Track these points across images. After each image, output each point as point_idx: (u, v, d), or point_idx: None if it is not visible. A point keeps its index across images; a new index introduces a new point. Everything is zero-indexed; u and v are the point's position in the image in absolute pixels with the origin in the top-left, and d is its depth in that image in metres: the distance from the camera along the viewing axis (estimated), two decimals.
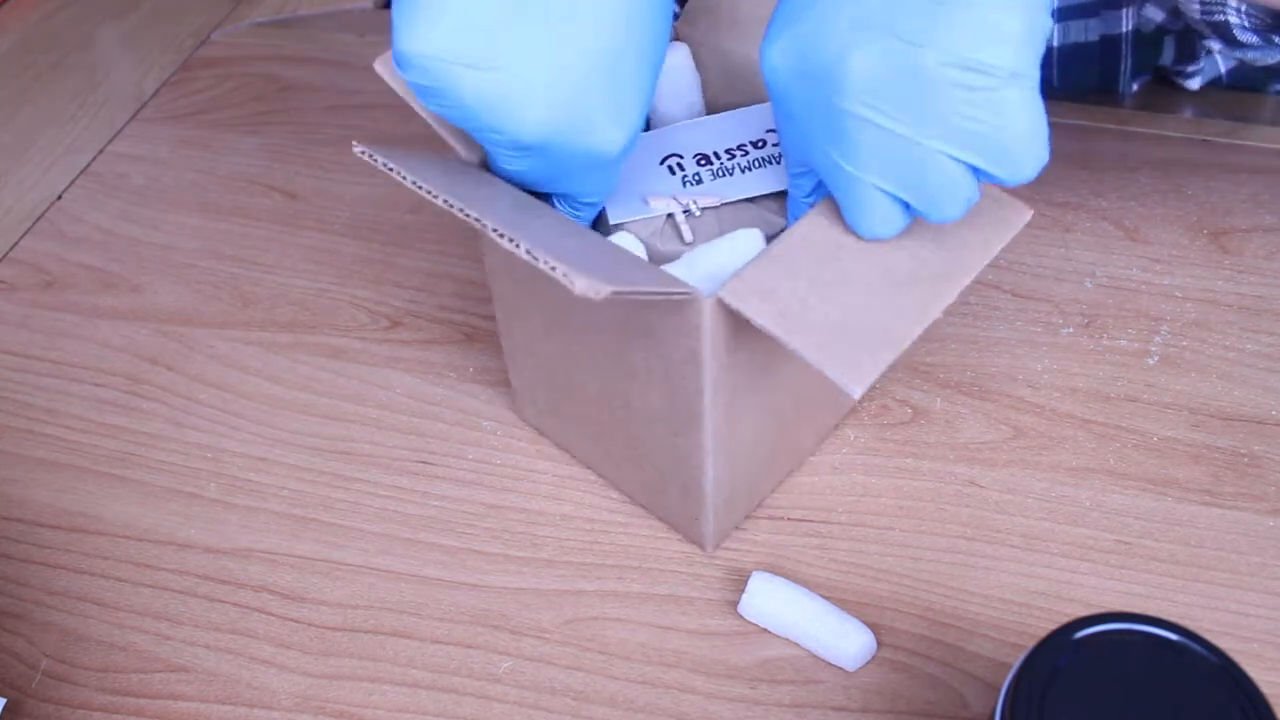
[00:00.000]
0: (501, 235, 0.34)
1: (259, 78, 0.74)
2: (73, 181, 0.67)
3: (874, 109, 0.34)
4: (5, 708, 0.43)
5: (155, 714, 0.43)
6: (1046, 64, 0.64)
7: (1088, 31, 0.62)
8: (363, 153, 0.38)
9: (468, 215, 0.35)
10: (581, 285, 0.32)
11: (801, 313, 0.35)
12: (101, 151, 0.70)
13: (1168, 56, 0.63)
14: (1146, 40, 0.63)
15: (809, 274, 0.36)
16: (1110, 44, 0.62)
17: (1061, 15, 0.62)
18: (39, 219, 0.65)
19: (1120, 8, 0.61)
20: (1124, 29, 0.62)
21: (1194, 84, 0.65)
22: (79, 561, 0.48)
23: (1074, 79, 0.65)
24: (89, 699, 0.43)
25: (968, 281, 0.36)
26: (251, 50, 0.77)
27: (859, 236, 0.37)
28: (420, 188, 0.36)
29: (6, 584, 0.47)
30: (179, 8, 0.82)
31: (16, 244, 0.63)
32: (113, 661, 0.45)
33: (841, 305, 0.35)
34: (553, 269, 0.32)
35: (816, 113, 0.36)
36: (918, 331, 0.34)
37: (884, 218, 0.36)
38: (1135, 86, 0.66)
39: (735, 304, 0.35)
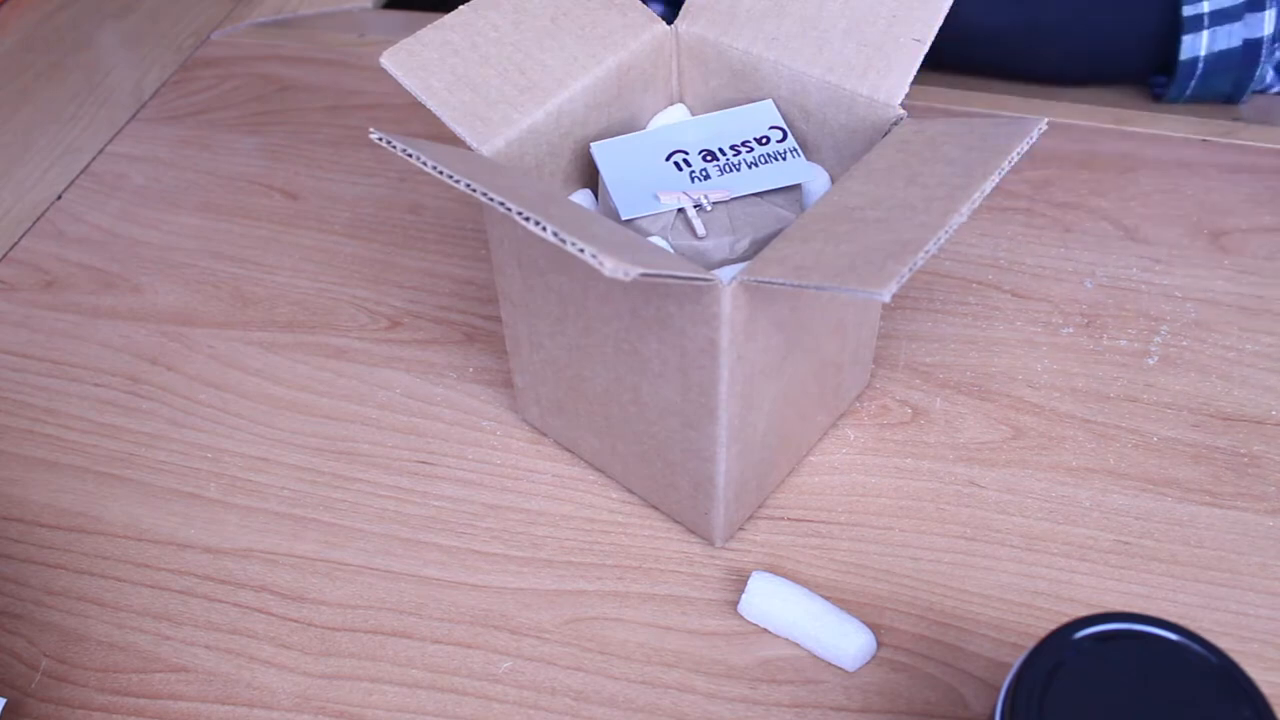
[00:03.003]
0: (527, 218, 0.34)
1: (259, 78, 0.74)
2: (72, 181, 0.67)
3: None
4: (5, 708, 0.43)
5: (155, 714, 0.43)
6: (1189, 76, 0.64)
7: (1231, 37, 0.62)
8: (380, 139, 0.38)
9: (491, 199, 0.35)
10: (611, 266, 0.32)
11: (817, 263, 0.35)
12: (101, 151, 0.70)
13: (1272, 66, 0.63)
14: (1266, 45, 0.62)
15: (822, 235, 0.36)
16: (1251, 48, 0.62)
17: (1212, 20, 0.62)
18: (39, 219, 0.65)
19: (1262, 10, 0.61)
20: (1265, 32, 0.61)
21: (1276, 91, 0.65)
22: (79, 561, 0.48)
23: (1207, 88, 0.64)
24: (89, 699, 0.43)
25: (988, 186, 0.35)
26: (251, 50, 0.77)
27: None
28: (441, 173, 0.36)
29: (6, 584, 0.47)
30: (179, 8, 0.82)
31: (16, 244, 0.64)
32: (113, 661, 0.45)
33: (857, 244, 0.35)
34: (581, 250, 0.32)
35: None
36: (943, 235, 0.34)
37: None
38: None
39: (753, 277, 0.35)
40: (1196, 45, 0.63)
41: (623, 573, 0.46)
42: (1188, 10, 0.62)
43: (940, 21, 0.42)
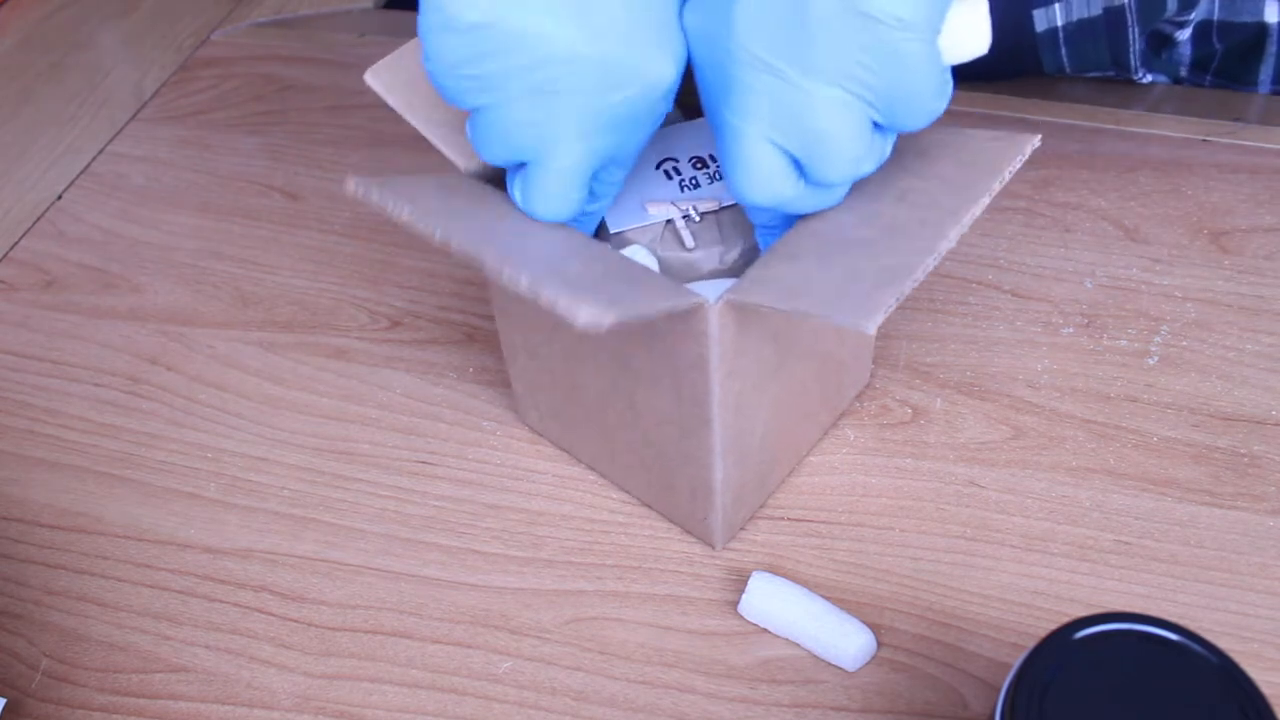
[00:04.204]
0: (501, 271, 0.33)
1: (259, 78, 0.74)
2: (73, 181, 0.67)
3: (761, 50, 0.34)
4: (5, 708, 0.43)
5: (155, 714, 0.43)
6: (1054, 45, 0.64)
7: (1090, 6, 0.62)
8: (357, 186, 0.37)
9: (466, 252, 0.34)
10: (584, 318, 0.31)
11: (805, 287, 0.35)
12: (101, 151, 0.70)
13: (1171, 9, 0.62)
14: (1149, 4, 0.62)
15: (812, 256, 0.36)
16: (1115, 15, 0.62)
17: None
18: (39, 219, 0.65)
19: None
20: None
21: (1184, 34, 0.65)
22: (79, 561, 0.48)
23: (1085, 59, 0.64)
24: (89, 699, 0.43)
25: (978, 209, 0.35)
26: (251, 50, 0.77)
27: (748, 202, 0.36)
28: (417, 226, 0.35)
29: (6, 584, 0.47)
30: (179, 8, 0.82)
31: (16, 244, 0.64)
32: (113, 661, 0.45)
33: (845, 268, 0.35)
34: (554, 303, 0.32)
35: (714, 66, 0.36)
36: (931, 262, 0.33)
37: (769, 174, 0.35)
38: (1149, 78, 0.66)
39: (740, 298, 0.35)
40: (1051, 17, 0.62)
41: (623, 573, 0.46)
42: None
43: None
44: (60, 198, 0.66)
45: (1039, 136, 0.38)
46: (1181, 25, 0.64)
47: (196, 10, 0.81)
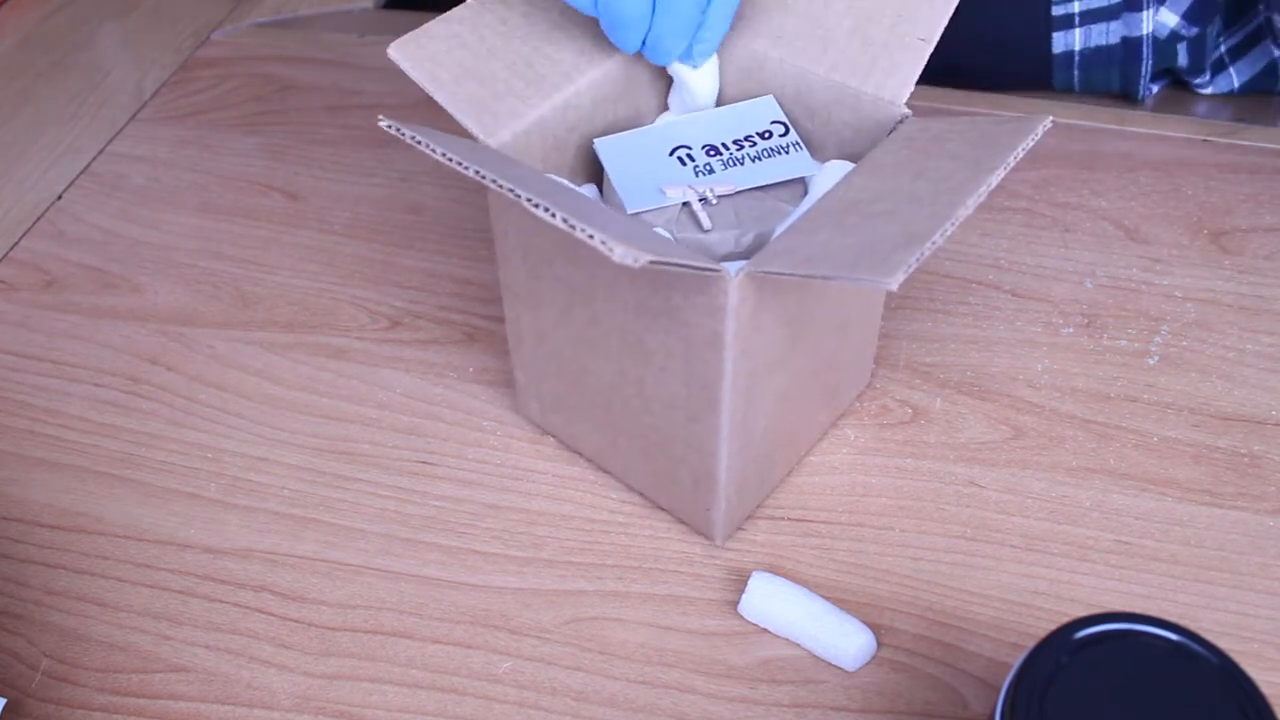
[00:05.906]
0: (536, 205, 0.34)
1: (259, 78, 0.74)
2: (73, 181, 0.67)
3: None
4: (5, 708, 0.43)
5: (155, 714, 0.43)
6: (1068, 67, 0.65)
7: (1109, 34, 0.63)
8: (389, 126, 0.38)
9: (500, 186, 0.35)
10: (620, 253, 0.32)
11: (825, 254, 0.35)
12: (101, 151, 0.70)
13: (1182, 60, 0.64)
14: (1163, 45, 0.63)
15: (830, 229, 0.36)
16: (1131, 46, 0.63)
17: (1083, 19, 0.64)
18: (39, 219, 0.65)
19: (1140, 10, 0.62)
20: (1144, 31, 0.63)
21: (1206, 92, 0.66)
22: (79, 561, 0.48)
23: (1095, 82, 0.65)
24: (89, 699, 0.43)
25: (995, 179, 0.35)
26: (251, 50, 0.77)
27: None
28: (450, 160, 0.36)
29: (6, 584, 0.47)
30: (179, 8, 0.82)
31: (16, 244, 0.63)
32: (113, 661, 0.45)
33: (864, 235, 0.35)
34: (590, 236, 0.32)
35: None
36: (949, 227, 0.33)
37: None
38: (1155, 89, 0.66)
39: (761, 268, 0.35)
40: (1070, 40, 0.65)
41: (623, 573, 0.46)
42: (1057, 10, 0.64)
43: (945, 20, 0.42)
44: (60, 198, 0.66)
45: (1050, 118, 0.38)
46: (1199, 85, 0.66)
47: (196, 10, 0.81)
